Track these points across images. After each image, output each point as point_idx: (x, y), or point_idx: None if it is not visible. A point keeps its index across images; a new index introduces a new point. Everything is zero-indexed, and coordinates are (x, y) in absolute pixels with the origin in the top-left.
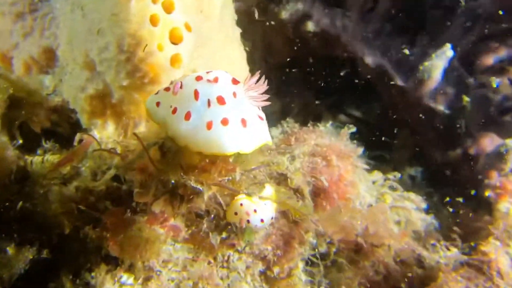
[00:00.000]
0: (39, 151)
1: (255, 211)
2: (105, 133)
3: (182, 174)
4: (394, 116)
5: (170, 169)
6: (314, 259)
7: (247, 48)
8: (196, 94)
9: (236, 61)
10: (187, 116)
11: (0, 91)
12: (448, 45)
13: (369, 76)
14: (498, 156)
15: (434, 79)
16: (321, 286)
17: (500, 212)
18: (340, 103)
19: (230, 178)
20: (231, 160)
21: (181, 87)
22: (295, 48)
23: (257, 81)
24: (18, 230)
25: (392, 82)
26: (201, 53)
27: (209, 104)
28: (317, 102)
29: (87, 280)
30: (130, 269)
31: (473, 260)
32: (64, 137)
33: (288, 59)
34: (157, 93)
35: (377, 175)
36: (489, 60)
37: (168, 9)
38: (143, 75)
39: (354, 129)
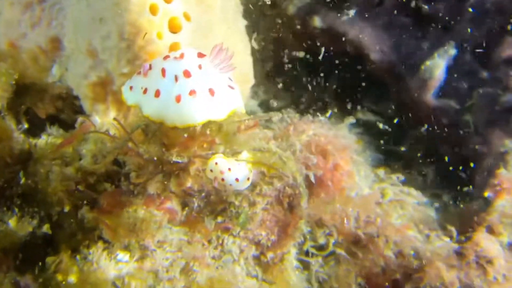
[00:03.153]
0: (43, 136)
1: (229, 169)
2: (106, 119)
3: (164, 150)
4: (405, 112)
5: (152, 148)
6: (314, 250)
7: (256, 42)
8: (163, 71)
9: (240, 53)
10: (157, 93)
11: (5, 74)
12: (452, 44)
13: (378, 72)
14: (502, 156)
15: (436, 79)
16: (318, 276)
17: (496, 206)
18: (351, 97)
19: (213, 152)
20: (208, 132)
21: (150, 68)
22: (304, 42)
23: (224, 52)
24: (20, 205)
25: (400, 79)
26: (201, 44)
27: (176, 79)
28: (326, 97)
29: (85, 255)
30: (126, 248)
31: (464, 249)
32: (68, 124)
33: (297, 53)
34: (130, 78)
35: (381, 172)
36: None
37: None
38: (142, 63)
39: (353, 120)
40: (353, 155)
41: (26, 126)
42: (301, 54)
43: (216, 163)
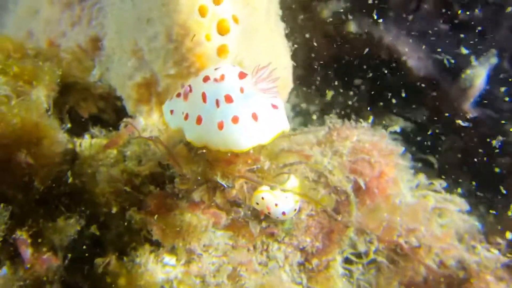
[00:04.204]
0: (86, 136)
1: (276, 205)
2: (150, 120)
3: (209, 168)
4: (441, 120)
5: (196, 164)
6: (354, 258)
7: (290, 44)
8: (204, 96)
9: (281, 54)
10: (199, 120)
11: (48, 73)
12: (494, 51)
13: (414, 79)
14: None
15: (477, 88)
16: (359, 285)
17: None
18: (386, 103)
19: (259, 166)
20: (252, 151)
21: (190, 91)
22: (338, 47)
23: (265, 72)
24: (67, 205)
25: (437, 87)
26: (247, 45)
27: (217, 104)
28: (355, 102)
29: (132, 257)
30: (172, 251)
31: None
32: (110, 124)
33: (331, 57)
34: (170, 99)
35: (422, 178)
36: None
37: (217, 0)
38: (189, 65)
39: (397, 128)
40: (398, 161)
41: (69, 125)
42: (334, 58)
43: (262, 198)
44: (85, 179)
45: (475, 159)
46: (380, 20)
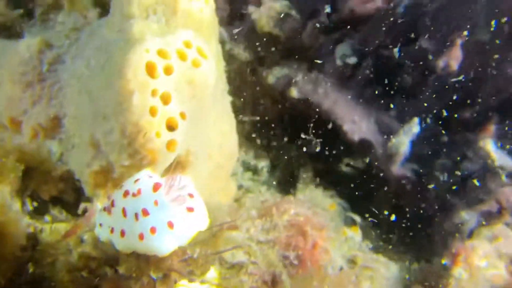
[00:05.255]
0: (47, 218)
1: None
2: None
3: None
4: (374, 178)
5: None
6: None
7: (237, 105)
8: (124, 211)
9: (227, 134)
10: (122, 233)
11: (13, 170)
12: (416, 120)
13: (349, 142)
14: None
15: (401, 154)
16: None
17: (453, 274)
18: (326, 161)
19: (190, 255)
20: None
21: (112, 205)
22: (283, 110)
23: (176, 181)
24: None
25: (369, 149)
26: (194, 134)
27: (136, 218)
28: (304, 161)
29: None
30: None
31: None
32: (70, 204)
33: (276, 119)
34: (100, 212)
35: (352, 239)
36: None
37: (165, 101)
38: (142, 158)
39: (334, 205)
40: (330, 234)
41: (30, 208)
42: (280, 119)
43: None
44: (45, 268)
45: (405, 215)
46: (320, 86)
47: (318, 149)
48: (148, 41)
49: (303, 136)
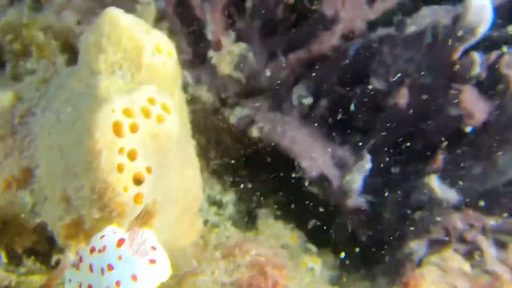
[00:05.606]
0: (21, 270)
1: None
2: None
3: None
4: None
5: None
6: None
7: (201, 144)
8: (91, 267)
9: (191, 179)
10: None
11: None
12: (368, 158)
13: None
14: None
15: (355, 191)
16: None
17: None
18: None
19: None
20: None
21: (80, 261)
22: (246, 147)
23: (139, 235)
24: None
25: (326, 185)
26: (160, 185)
27: (102, 273)
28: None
29: None
30: None
31: None
32: (43, 253)
33: (240, 157)
34: (69, 268)
35: (314, 264)
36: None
37: (132, 157)
38: (111, 210)
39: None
40: (290, 273)
41: (5, 261)
42: (243, 157)
43: None
44: None
45: (362, 244)
46: (279, 125)
47: (279, 185)
48: (114, 101)
49: (264, 172)
